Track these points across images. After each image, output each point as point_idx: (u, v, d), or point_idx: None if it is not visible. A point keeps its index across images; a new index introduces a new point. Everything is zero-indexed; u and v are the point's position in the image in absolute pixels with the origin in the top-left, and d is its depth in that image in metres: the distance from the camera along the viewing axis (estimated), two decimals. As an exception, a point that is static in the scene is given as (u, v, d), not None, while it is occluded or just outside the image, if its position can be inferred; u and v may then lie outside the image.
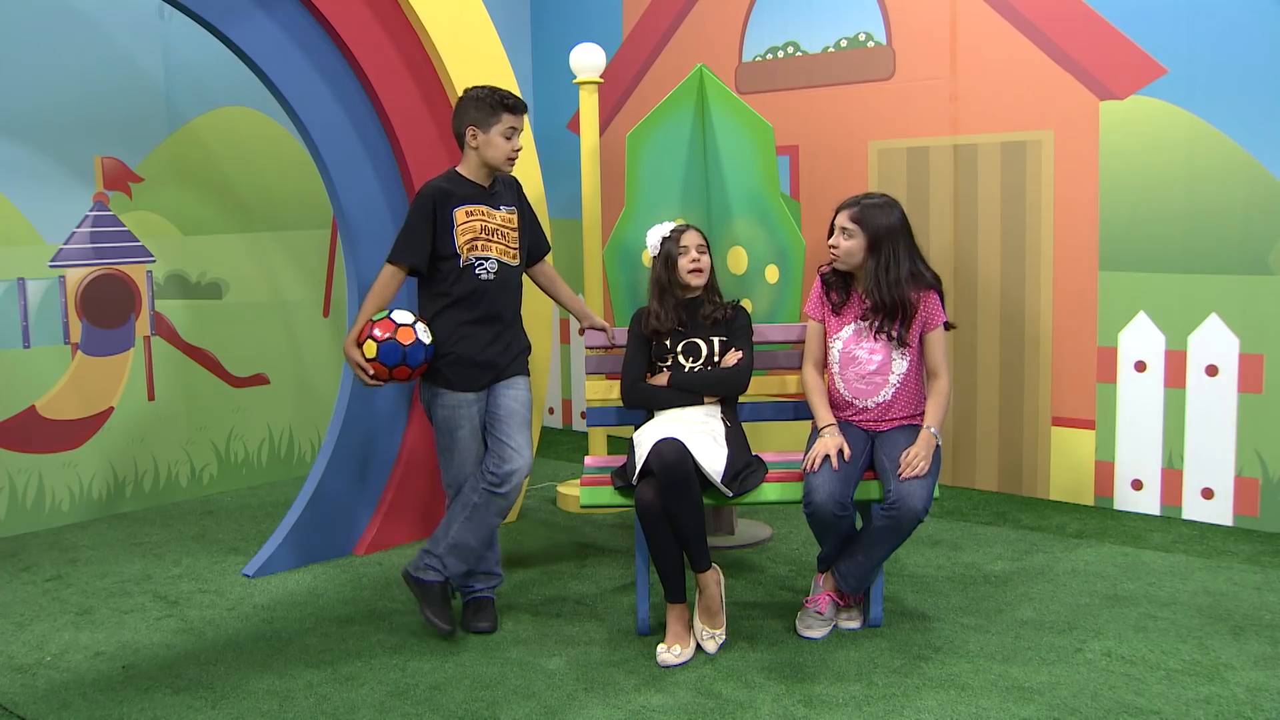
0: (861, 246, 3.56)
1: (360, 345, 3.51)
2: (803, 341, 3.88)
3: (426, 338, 3.54)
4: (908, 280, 3.55)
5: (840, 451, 3.47)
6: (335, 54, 4.26)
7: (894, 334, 3.56)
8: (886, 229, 3.53)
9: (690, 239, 3.76)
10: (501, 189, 3.70)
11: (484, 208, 3.61)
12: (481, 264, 3.59)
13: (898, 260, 3.53)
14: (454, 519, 3.63)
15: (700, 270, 3.74)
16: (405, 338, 3.49)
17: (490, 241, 3.61)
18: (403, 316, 3.54)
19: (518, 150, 3.62)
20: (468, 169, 3.63)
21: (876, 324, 3.57)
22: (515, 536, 4.67)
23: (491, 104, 3.56)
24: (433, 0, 4.38)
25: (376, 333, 3.49)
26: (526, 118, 3.69)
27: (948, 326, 3.64)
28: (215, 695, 3.24)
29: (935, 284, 3.61)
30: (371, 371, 3.50)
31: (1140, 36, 4.62)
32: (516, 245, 3.71)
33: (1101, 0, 4.69)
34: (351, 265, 4.35)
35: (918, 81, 5.22)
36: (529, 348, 3.81)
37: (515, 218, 3.71)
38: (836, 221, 3.61)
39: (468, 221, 3.57)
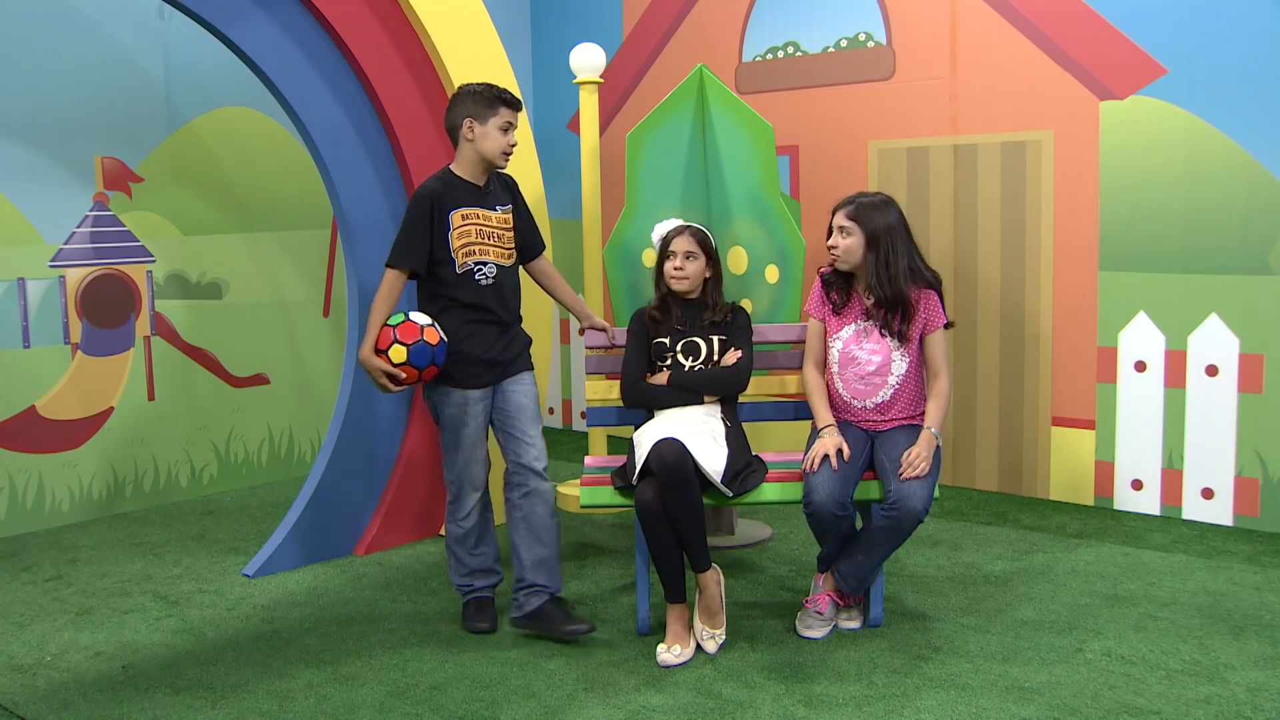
0: (860, 243, 3.56)
1: (385, 351, 3.45)
2: (802, 341, 3.88)
3: (445, 335, 3.54)
4: (907, 275, 3.55)
5: (840, 451, 3.47)
6: (335, 54, 4.27)
7: (895, 329, 3.56)
8: (884, 224, 3.54)
9: (679, 244, 3.73)
10: (496, 188, 3.69)
11: (480, 210, 3.60)
12: (480, 269, 3.58)
13: (896, 255, 3.54)
14: (517, 545, 3.64)
15: (683, 278, 3.72)
16: (431, 338, 3.46)
17: (487, 245, 3.60)
18: (421, 318, 3.51)
19: (513, 145, 3.61)
20: (462, 167, 3.62)
21: (879, 321, 3.58)
22: (515, 536, 4.66)
23: (489, 98, 3.56)
24: (433, 0, 4.39)
25: (401, 337, 3.44)
26: (525, 117, 3.68)
27: (948, 325, 3.65)
28: (215, 695, 3.24)
29: (935, 283, 3.61)
30: (404, 376, 3.46)
31: (1140, 36, 4.62)
32: (512, 245, 3.70)
33: (1101, 0, 4.69)
34: (351, 265, 4.35)
35: (918, 81, 5.22)
36: (530, 340, 3.81)
37: (511, 217, 3.70)
38: (834, 222, 3.62)
39: (464, 225, 3.56)
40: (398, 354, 3.43)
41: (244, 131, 5.56)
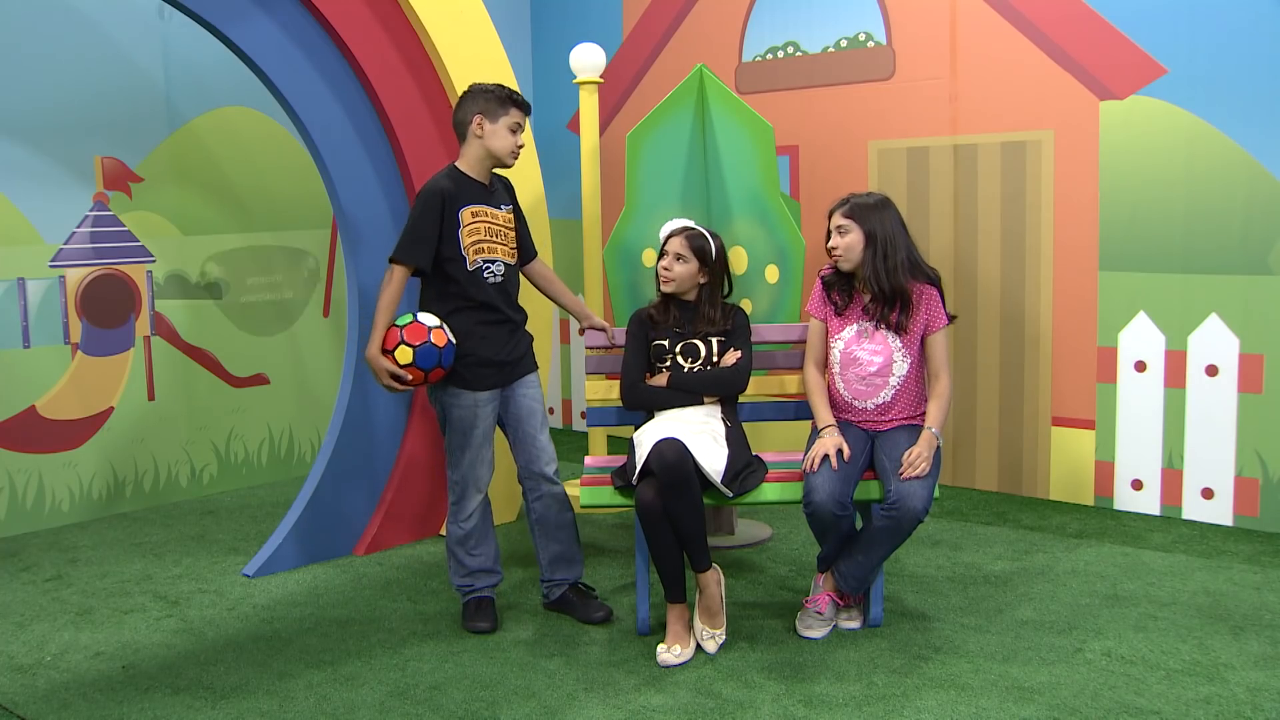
0: (859, 240, 3.57)
1: (391, 352, 3.44)
2: (802, 341, 3.89)
3: (453, 337, 3.53)
4: (905, 267, 3.56)
5: (840, 451, 3.47)
6: (335, 54, 4.27)
7: (893, 322, 3.56)
8: (880, 221, 3.57)
9: (672, 245, 3.71)
10: (499, 188, 3.70)
11: (488, 208, 3.61)
12: (489, 267, 3.59)
13: (895, 248, 3.55)
14: (537, 544, 3.81)
15: (669, 279, 3.71)
16: (439, 340, 3.45)
17: (495, 244, 3.61)
18: (429, 319, 3.49)
19: (520, 146, 3.62)
20: (468, 164, 3.62)
21: (877, 315, 3.58)
22: (515, 536, 4.67)
23: (500, 98, 3.57)
24: (433, 0, 4.39)
25: (408, 338, 3.42)
26: (528, 120, 3.70)
27: (951, 319, 3.65)
28: (215, 695, 3.24)
29: (934, 279, 3.62)
30: (410, 378, 3.45)
31: (1140, 36, 4.62)
32: (515, 245, 3.72)
33: (1101, 0, 4.69)
34: (351, 265, 4.35)
35: (918, 81, 5.22)
36: (533, 339, 3.83)
37: (513, 217, 3.72)
38: (831, 223, 3.64)
39: (473, 223, 3.56)
40: (404, 355, 3.42)
41: (244, 131, 5.56)
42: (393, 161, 4.44)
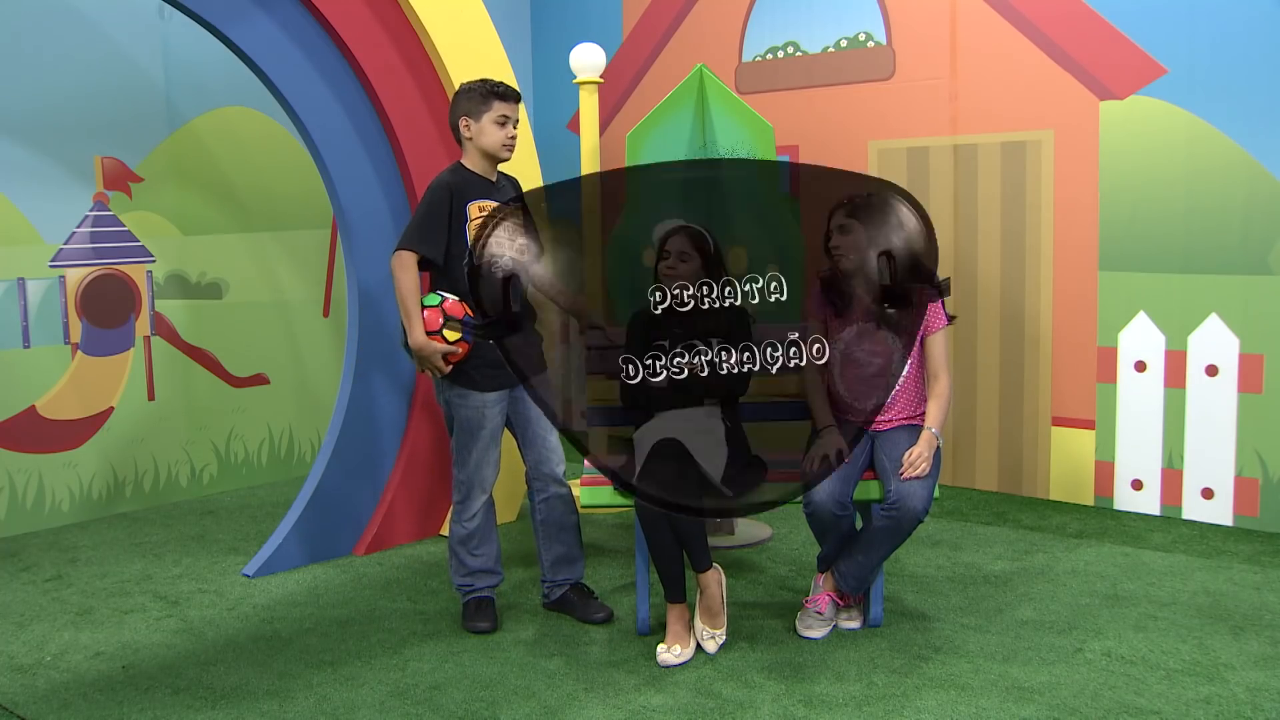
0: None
1: (436, 333, 3.46)
2: (802, 341, 3.88)
3: None
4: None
5: (839, 452, 3.47)
6: (335, 54, 4.27)
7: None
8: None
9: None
10: (505, 185, 3.70)
11: (494, 203, 3.61)
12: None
13: None
14: (540, 544, 3.80)
15: (674, 278, 3.68)
16: (469, 310, 3.51)
17: None
18: (451, 295, 3.53)
19: (512, 138, 3.61)
20: (471, 161, 3.62)
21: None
22: (515, 536, 4.67)
23: (482, 93, 3.56)
24: (433, 0, 4.39)
25: (452, 314, 3.47)
26: (525, 112, 3.68)
27: (950, 319, 3.65)
28: (215, 695, 3.24)
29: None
30: (460, 351, 3.49)
31: (1140, 36, 4.62)
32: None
33: (1101, 0, 4.69)
34: (351, 265, 4.35)
35: (918, 81, 5.22)
36: (542, 339, 3.81)
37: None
38: (833, 222, 3.61)
39: (480, 217, 3.56)
40: (454, 331, 3.47)
41: (244, 131, 5.56)
42: (393, 161, 4.44)
